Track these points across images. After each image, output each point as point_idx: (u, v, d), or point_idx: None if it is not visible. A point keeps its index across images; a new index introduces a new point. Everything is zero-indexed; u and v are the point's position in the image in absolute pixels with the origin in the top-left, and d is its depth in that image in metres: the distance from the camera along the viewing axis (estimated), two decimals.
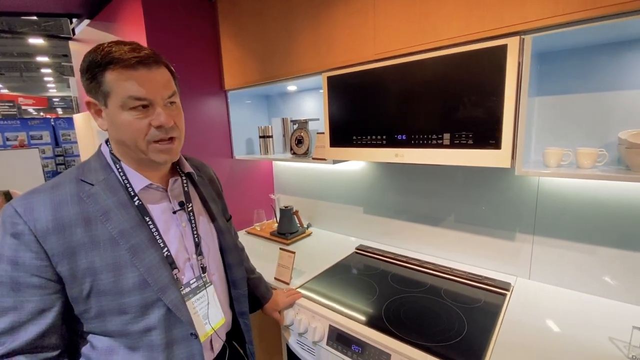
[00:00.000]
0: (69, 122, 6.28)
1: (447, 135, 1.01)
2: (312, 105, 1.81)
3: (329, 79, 1.26)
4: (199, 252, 0.76)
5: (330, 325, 1.06)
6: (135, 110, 0.63)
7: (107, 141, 0.72)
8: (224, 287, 0.85)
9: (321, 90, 1.73)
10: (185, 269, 0.74)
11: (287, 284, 1.27)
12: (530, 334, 0.94)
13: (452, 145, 1.00)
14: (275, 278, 1.31)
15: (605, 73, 1.00)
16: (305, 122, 1.61)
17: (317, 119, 1.64)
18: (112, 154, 0.70)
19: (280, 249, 1.34)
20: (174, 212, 0.75)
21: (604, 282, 1.09)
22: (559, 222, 1.14)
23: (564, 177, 0.91)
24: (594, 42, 0.98)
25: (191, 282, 0.74)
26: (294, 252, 1.29)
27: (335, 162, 1.41)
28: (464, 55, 0.94)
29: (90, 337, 0.66)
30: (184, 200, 0.77)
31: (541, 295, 1.13)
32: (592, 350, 0.86)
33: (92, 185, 0.65)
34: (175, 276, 0.70)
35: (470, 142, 0.96)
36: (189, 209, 0.78)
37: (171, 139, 0.69)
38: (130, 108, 0.63)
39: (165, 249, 0.70)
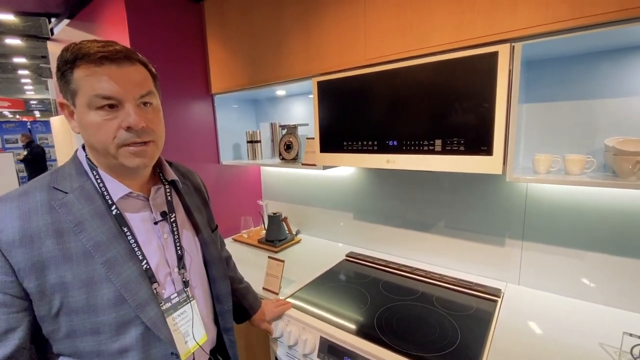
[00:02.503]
0: (47, 125, 6.05)
1: (438, 142, 1.00)
2: (301, 110, 1.79)
3: (319, 83, 1.24)
4: (181, 265, 0.72)
5: (321, 337, 1.02)
6: (102, 110, 0.58)
7: (83, 146, 0.68)
8: (208, 302, 0.80)
9: (311, 95, 1.71)
10: (166, 283, 0.69)
11: (276, 293, 1.23)
12: (523, 340, 0.93)
13: (444, 151, 0.99)
14: (264, 288, 1.27)
15: (590, 81, 1.02)
16: (295, 127, 1.58)
17: (307, 124, 1.62)
18: (88, 159, 0.65)
19: (269, 257, 1.30)
20: (156, 223, 0.70)
21: (592, 287, 1.10)
22: (547, 227, 1.15)
23: (553, 183, 0.91)
24: (581, 51, 1.00)
25: (172, 297, 0.69)
26: (283, 261, 1.25)
27: (325, 167, 1.39)
28: (456, 61, 0.94)
29: (60, 359, 0.61)
30: (166, 211, 0.72)
31: (531, 301, 1.13)
32: (583, 356, 0.86)
33: (66, 193, 0.61)
34: (155, 290, 0.65)
35: (462, 148, 0.96)
36: (172, 220, 0.73)
37: (145, 142, 0.63)
38: (97, 108, 0.58)
39: (145, 262, 0.65)
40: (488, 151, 0.92)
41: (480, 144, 0.93)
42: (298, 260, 1.56)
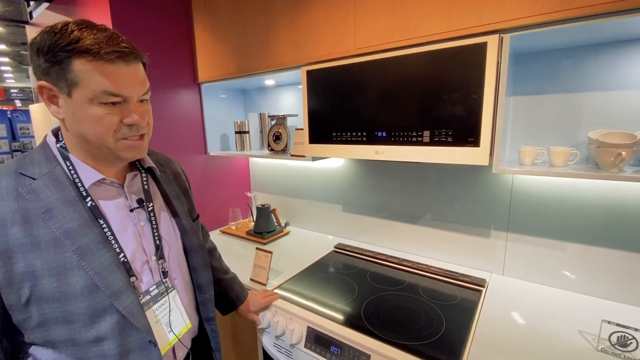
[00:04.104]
0: (28, 114, 5.85)
1: (427, 133, 1.00)
2: (290, 101, 1.76)
3: (309, 73, 1.22)
4: (159, 254, 0.70)
5: (308, 327, 1.03)
6: (105, 106, 0.58)
7: (54, 132, 0.65)
8: (189, 291, 0.79)
9: (300, 86, 1.69)
10: (144, 273, 0.67)
11: (264, 284, 1.22)
12: (506, 328, 0.95)
13: (432, 142, 0.99)
14: (251, 279, 1.26)
15: (575, 75, 1.03)
16: (284, 117, 1.56)
17: (296, 115, 1.60)
18: (62, 146, 0.63)
19: (257, 248, 1.29)
20: (131, 210, 0.68)
21: (573, 277, 1.13)
22: (531, 219, 1.17)
23: (539, 175, 0.93)
24: (567, 45, 1.01)
25: (151, 289, 0.68)
26: (270, 252, 1.25)
27: (314, 159, 1.38)
28: (445, 52, 0.93)
29: (32, 349, 0.59)
30: (143, 198, 0.71)
31: (514, 291, 1.15)
32: (563, 344, 0.88)
33: (34, 179, 0.59)
34: (132, 284, 0.64)
35: (450, 139, 0.96)
36: (149, 209, 0.71)
37: (141, 135, 0.64)
38: (100, 102, 0.57)
39: (119, 250, 0.63)
40: (475, 142, 0.93)
41: (468, 135, 0.93)
42: (286, 251, 1.56)
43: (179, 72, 1.62)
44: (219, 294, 0.98)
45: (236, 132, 1.76)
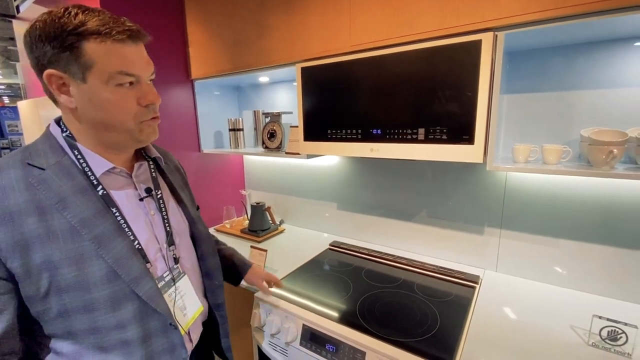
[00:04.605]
0: (16, 111, 5.72)
1: (421, 130, 1.00)
2: (285, 98, 1.75)
3: (303, 70, 1.22)
4: (170, 241, 0.71)
5: (303, 325, 1.03)
6: (122, 87, 0.58)
7: (57, 121, 0.63)
8: (198, 277, 0.80)
9: (294, 83, 1.68)
10: (157, 261, 0.68)
11: None
12: (499, 324, 0.96)
13: (427, 140, 1.00)
14: None
15: (568, 73, 1.04)
16: (278, 115, 1.55)
17: (291, 112, 1.59)
18: (68, 135, 0.62)
19: (252, 246, 1.28)
20: (141, 200, 0.68)
21: (565, 273, 1.14)
22: (524, 216, 1.19)
23: (532, 172, 0.93)
24: (560, 43, 1.02)
25: (165, 275, 0.69)
26: (265, 250, 1.24)
27: (309, 156, 1.37)
28: (440, 49, 0.93)
29: (52, 342, 0.59)
30: (151, 187, 0.71)
31: (508, 287, 1.16)
32: (555, 338, 0.89)
33: (43, 169, 0.57)
34: (148, 270, 0.64)
35: (445, 137, 0.97)
36: (158, 196, 0.72)
37: (155, 117, 0.66)
38: (117, 84, 0.57)
39: (134, 239, 0.64)
40: (470, 140, 0.93)
41: (462, 133, 0.94)
42: (281, 250, 1.55)
43: (171, 68, 1.60)
44: (225, 265, 0.99)
45: (230, 130, 1.74)
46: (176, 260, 0.72)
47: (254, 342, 1.18)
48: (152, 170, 0.74)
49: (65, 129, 0.62)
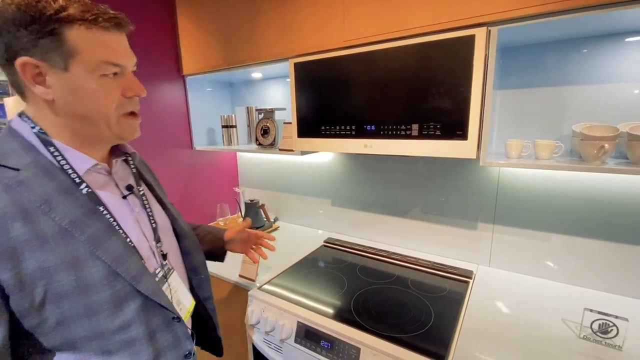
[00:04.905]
0: (2, 108, 5.59)
1: (415, 126, 1.00)
2: (278, 94, 1.74)
3: (296, 65, 1.20)
4: (157, 238, 0.69)
5: (298, 322, 1.02)
6: (105, 78, 0.55)
7: (21, 115, 0.57)
8: (183, 273, 0.79)
9: (288, 79, 1.67)
10: (149, 258, 0.66)
11: (253, 280, 1.21)
12: (492, 318, 0.97)
13: (421, 136, 0.99)
14: (240, 275, 1.25)
15: (560, 69, 1.04)
16: (272, 111, 1.54)
17: (284, 109, 1.58)
18: (39, 131, 0.56)
19: None
20: (125, 197, 0.66)
21: (557, 267, 1.16)
22: (516, 211, 1.20)
23: (525, 167, 0.94)
24: (552, 39, 1.02)
25: (157, 271, 0.67)
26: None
27: (303, 153, 1.36)
28: (433, 44, 0.93)
29: (52, 356, 0.55)
30: (132, 184, 0.69)
31: (501, 282, 1.17)
32: (547, 332, 0.90)
33: (17, 170, 0.52)
34: (145, 265, 0.63)
35: (438, 133, 0.96)
36: (141, 193, 0.70)
37: (136, 113, 0.63)
38: (102, 74, 0.54)
39: (127, 237, 0.61)
40: (463, 136, 0.93)
41: (456, 128, 0.94)
42: (276, 247, 1.54)
43: (162, 64, 1.57)
44: (206, 241, 0.98)
45: (223, 127, 1.72)
46: (164, 256, 0.70)
47: (248, 340, 1.18)
48: (133, 166, 0.71)
49: (34, 125, 0.56)
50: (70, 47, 0.51)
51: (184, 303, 0.72)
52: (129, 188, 0.67)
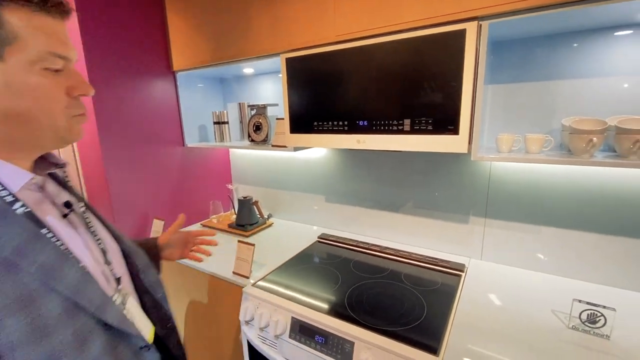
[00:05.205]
0: None
1: (407, 121, 1.00)
2: (270, 90, 1.72)
3: (288, 60, 1.19)
4: (107, 260, 0.60)
5: (292, 317, 1.02)
6: (47, 72, 0.47)
7: None
8: (135, 296, 0.68)
9: (280, 74, 1.65)
10: (104, 285, 0.57)
11: (247, 277, 1.21)
12: (484, 311, 0.98)
13: (413, 131, 1.00)
14: (234, 272, 1.25)
15: (550, 63, 1.05)
16: (264, 107, 1.53)
17: (276, 104, 1.56)
18: None
19: (239, 241, 1.27)
20: (65, 216, 0.55)
21: (547, 259, 1.17)
22: (507, 205, 1.21)
23: (515, 161, 0.95)
24: (543, 32, 1.02)
25: (115, 298, 0.58)
26: (253, 245, 1.23)
27: (296, 149, 1.36)
28: (424, 39, 0.93)
29: None
30: (70, 201, 0.58)
31: (492, 275, 1.19)
32: (537, 323, 0.92)
33: None
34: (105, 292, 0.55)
35: (430, 127, 0.97)
36: (82, 210, 0.60)
37: (83, 114, 0.55)
38: (44, 68, 0.46)
39: (79, 261, 0.52)
40: (455, 130, 0.93)
41: (448, 123, 0.94)
42: (270, 243, 1.54)
43: (151, 59, 1.54)
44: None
45: (215, 123, 1.71)
46: (118, 280, 0.61)
47: (243, 337, 1.18)
48: (67, 179, 0.61)
49: None
50: (9, 32, 0.43)
51: (144, 330, 0.62)
52: (67, 205, 0.57)
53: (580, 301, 0.88)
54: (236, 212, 1.74)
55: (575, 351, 0.81)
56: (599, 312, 0.85)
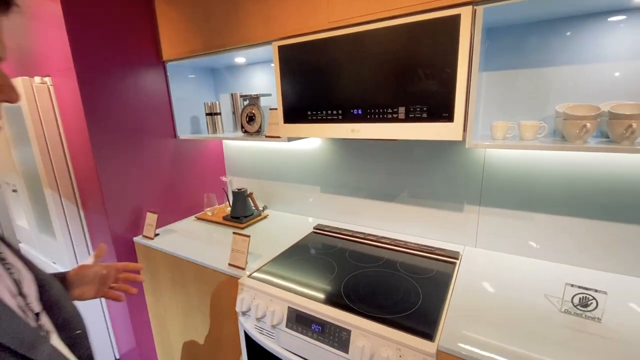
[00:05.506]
0: None
1: (402, 109, 0.99)
2: (263, 80, 1.70)
3: (280, 49, 1.17)
4: (23, 294, 0.49)
5: (289, 307, 1.03)
6: None
7: None
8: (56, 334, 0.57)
9: (272, 64, 1.63)
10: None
11: (243, 269, 1.21)
12: (478, 297, 0.99)
13: (407, 119, 0.99)
14: (230, 264, 1.24)
15: (544, 49, 1.04)
16: (257, 97, 1.50)
17: (270, 94, 1.54)
18: None
19: (234, 233, 1.26)
20: None
21: (540, 245, 1.19)
22: (502, 192, 1.22)
23: (510, 148, 0.95)
24: (537, 18, 1.01)
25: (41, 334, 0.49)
26: (248, 236, 1.22)
27: (290, 139, 1.34)
28: (419, 25, 0.91)
29: None
30: None
31: (486, 261, 1.20)
32: (531, 308, 0.93)
33: None
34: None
35: (425, 115, 0.96)
36: None
37: None
38: None
39: None
40: (449, 118, 0.93)
41: (442, 110, 0.93)
42: (265, 235, 1.54)
43: (140, 49, 1.51)
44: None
45: (207, 114, 1.68)
46: (37, 316, 0.51)
47: (240, 328, 1.18)
48: None
49: None
50: None
51: None
52: None
53: (572, 285, 0.89)
54: (231, 204, 1.73)
55: (568, 334, 0.82)
56: (590, 295, 0.87)
